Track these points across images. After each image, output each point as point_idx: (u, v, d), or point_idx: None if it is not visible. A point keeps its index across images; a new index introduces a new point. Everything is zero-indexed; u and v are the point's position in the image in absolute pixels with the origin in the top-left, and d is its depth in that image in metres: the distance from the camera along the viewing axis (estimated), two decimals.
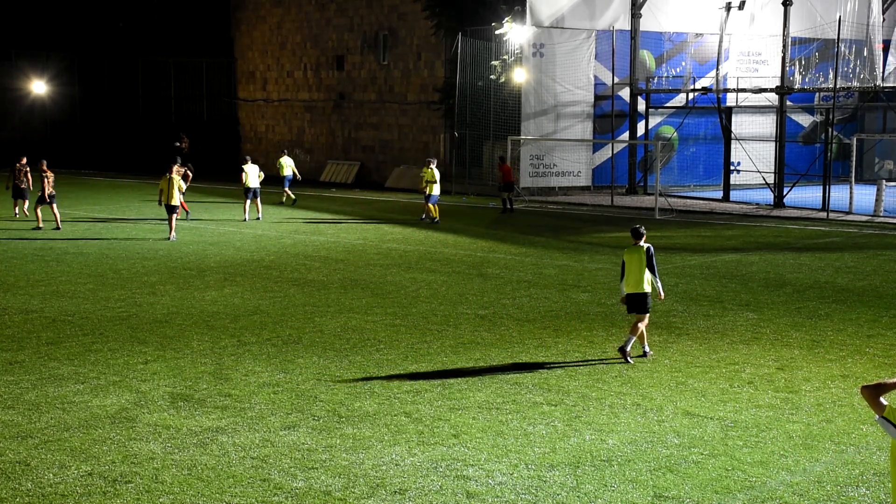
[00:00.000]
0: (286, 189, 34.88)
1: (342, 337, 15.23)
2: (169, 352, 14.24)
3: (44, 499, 9.02)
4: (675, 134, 40.09)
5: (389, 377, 12.99)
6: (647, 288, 13.82)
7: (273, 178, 36.48)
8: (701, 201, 36.66)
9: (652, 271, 13.82)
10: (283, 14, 50.07)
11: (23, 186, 29.57)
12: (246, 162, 30.68)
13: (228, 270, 21.28)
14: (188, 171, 30.70)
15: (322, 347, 14.56)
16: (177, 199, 26.07)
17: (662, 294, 14.30)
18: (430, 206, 29.74)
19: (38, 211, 27.80)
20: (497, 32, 37.33)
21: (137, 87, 53.69)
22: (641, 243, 13.86)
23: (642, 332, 13.98)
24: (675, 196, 36.81)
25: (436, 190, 29.57)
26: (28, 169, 29.76)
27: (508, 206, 32.86)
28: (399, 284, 19.74)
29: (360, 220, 30.99)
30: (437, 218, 29.67)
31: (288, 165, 34.91)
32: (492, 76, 38.21)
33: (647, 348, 14.11)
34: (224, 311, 17.03)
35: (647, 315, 14.02)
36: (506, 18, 37.02)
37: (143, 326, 15.83)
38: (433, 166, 29.76)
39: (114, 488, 9.25)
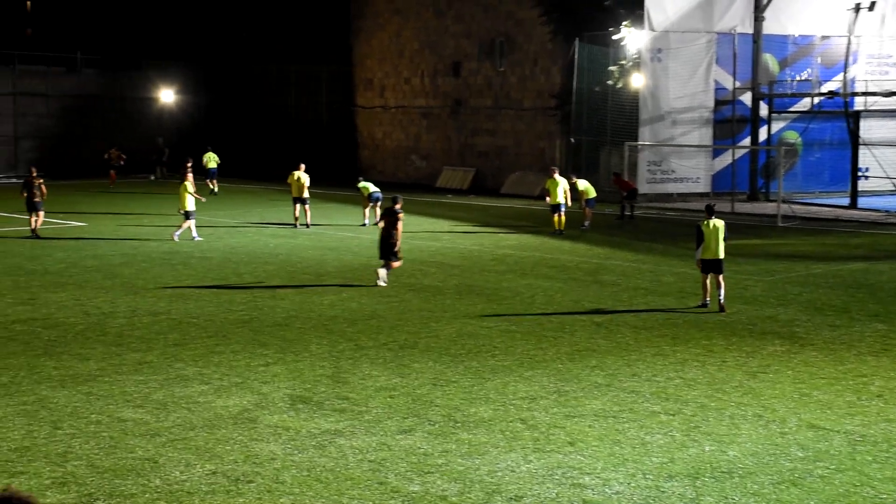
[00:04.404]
0: (213, 180, 39.97)
1: (457, 342, 15.28)
2: (289, 354, 14.52)
3: (171, 495, 9.29)
4: (800, 139, 39.00)
5: (505, 383, 12.98)
6: (723, 255, 17.54)
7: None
8: (826, 208, 35.54)
9: (724, 242, 17.62)
10: (401, 22, 50.59)
11: (36, 199, 27.75)
12: (299, 168, 30.40)
13: (346, 275, 21.60)
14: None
15: (438, 352, 14.64)
16: (188, 205, 26.45)
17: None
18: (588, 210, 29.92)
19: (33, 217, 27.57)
20: (615, 38, 36.96)
21: (259, 95, 55.02)
22: (715, 219, 17.62)
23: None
24: (798, 203, 35.79)
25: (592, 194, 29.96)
26: (41, 181, 28.14)
27: (628, 213, 32.47)
28: (514, 290, 19.71)
29: (475, 226, 31.06)
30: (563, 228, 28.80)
31: (213, 159, 40.54)
32: (609, 81, 37.84)
33: (709, 301, 17.76)
34: (342, 315, 17.29)
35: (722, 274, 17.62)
36: (624, 23, 36.62)
37: (264, 329, 16.19)
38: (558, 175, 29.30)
39: (236, 487, 9.47)
